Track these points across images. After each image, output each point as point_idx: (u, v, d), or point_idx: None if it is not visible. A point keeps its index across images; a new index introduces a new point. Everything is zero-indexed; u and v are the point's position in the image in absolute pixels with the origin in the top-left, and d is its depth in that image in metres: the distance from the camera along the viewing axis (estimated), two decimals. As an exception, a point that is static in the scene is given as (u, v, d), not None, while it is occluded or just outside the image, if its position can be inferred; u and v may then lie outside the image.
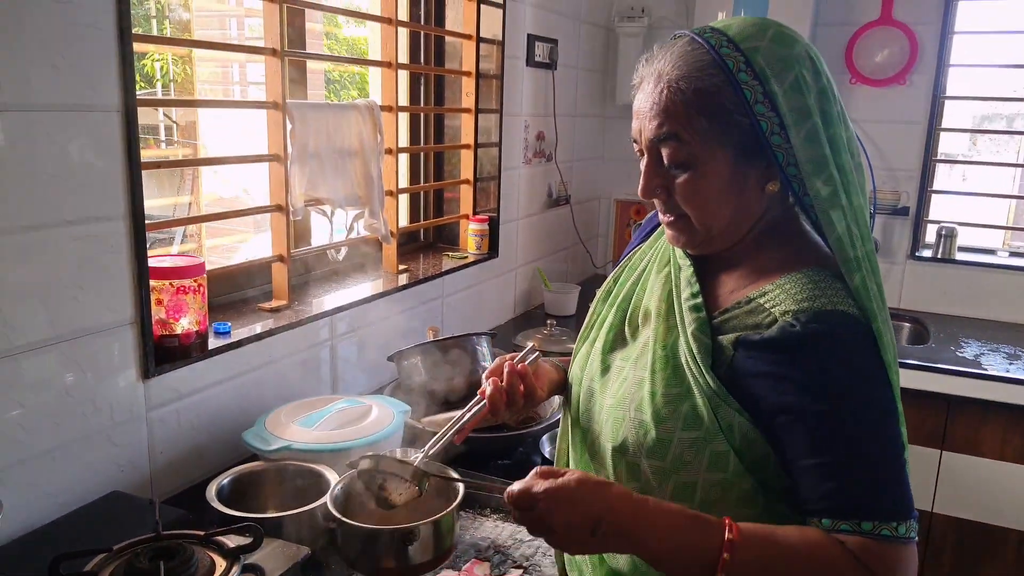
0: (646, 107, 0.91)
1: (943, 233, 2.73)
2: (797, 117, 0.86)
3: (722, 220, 0.92)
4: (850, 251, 0.86)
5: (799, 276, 0.88)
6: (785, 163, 0.88)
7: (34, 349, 1.12)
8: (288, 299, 1.66)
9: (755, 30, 0.88)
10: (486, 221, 2.32)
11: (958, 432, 2.24)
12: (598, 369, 1.03)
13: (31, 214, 1.10)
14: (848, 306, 0.84)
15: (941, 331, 2.54)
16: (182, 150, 2.85)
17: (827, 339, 0.83)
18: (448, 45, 2.28)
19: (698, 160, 0.88)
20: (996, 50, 2.68)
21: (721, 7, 2.64)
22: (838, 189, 0.87)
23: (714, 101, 0.86)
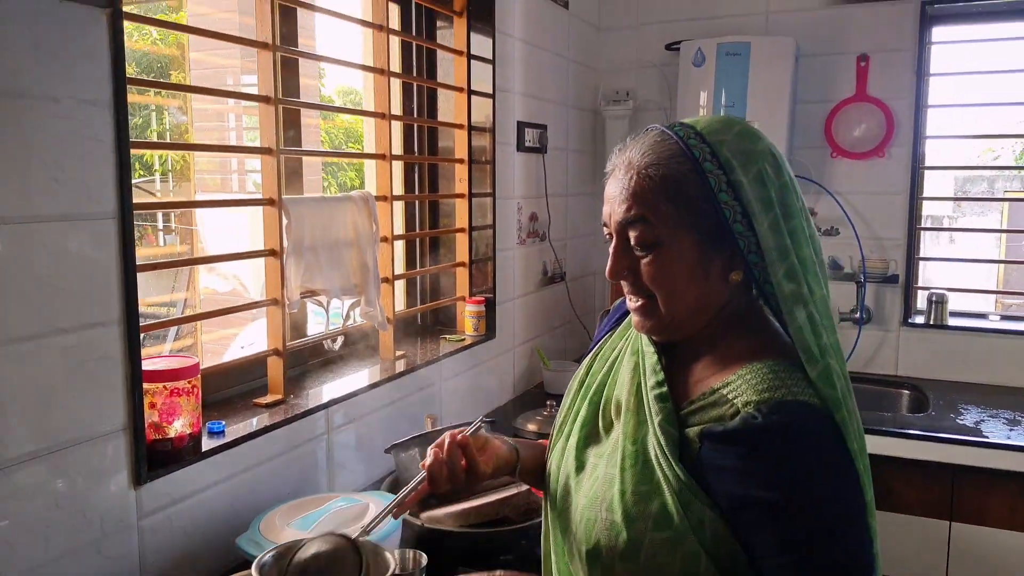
0: (616, 192, 0.94)
1: (934, 299, 2.75)
2: (760, 207, 0.89)
3: (687, 304, 0.94)
4: (811, 341, 0.87)
5: (760, 366, 0.89)
6: (747, 251, 0.91)
7: (24, 461, 1.11)
8: (283, 393, 1.65)
9: (721, 125, 0.93)
10: (483, 302, 2.32)
11: (965, 502, 2.21)
12: (573, 466, 1.02)
13: (25, 324, 1.10)
14: (809, 396, 0.85)
15: (940, 398, 2.53)
16: (179, 242, 2.87)
17: (789, 430, 0.83)
18: (441, 133, 2.34)
19: (664, 243, 0.91)
20: (971, 119, 2.76)
21: (702, 87, 2.72)
22: (800, 279, 0.89)
23: (680, 187, 0.90)
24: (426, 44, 2.25)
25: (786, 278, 0.88)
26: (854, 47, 2.74)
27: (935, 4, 2.64)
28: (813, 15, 2.78)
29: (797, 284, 0.88)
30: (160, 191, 3.10)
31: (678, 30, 2.94)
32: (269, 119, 1.56)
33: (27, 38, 1.07)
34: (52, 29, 1.10)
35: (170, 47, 1.96)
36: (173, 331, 1.94)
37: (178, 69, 2.16)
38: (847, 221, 2.78)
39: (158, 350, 2.01)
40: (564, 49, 2.79)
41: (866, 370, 2.83)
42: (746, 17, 2.86)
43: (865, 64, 2.72)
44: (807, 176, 2.81)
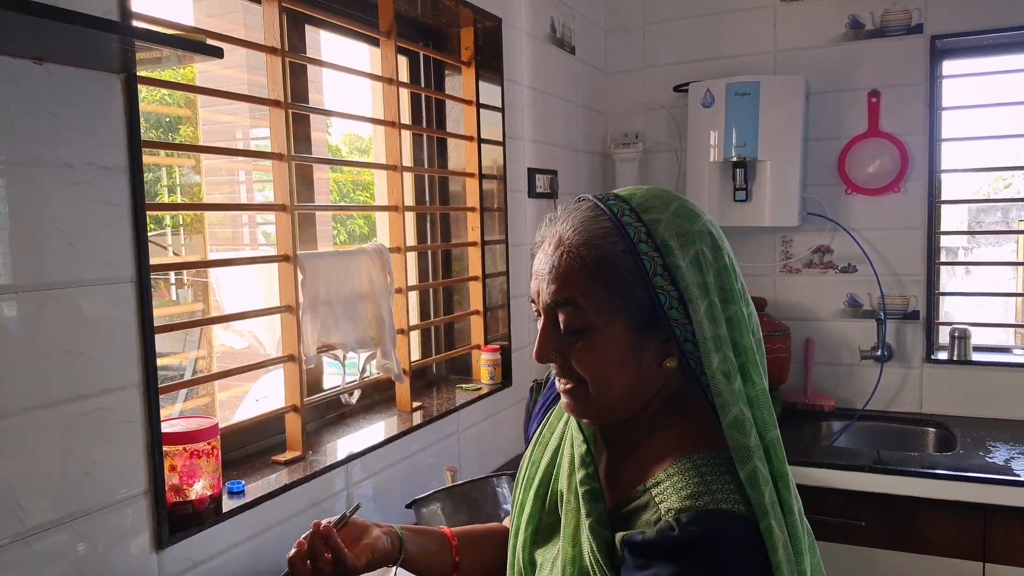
0: (545, 269, 0.89)
1: (956, 335, 2.71)
2: (697, 292, 0.84)
3: (618, 390, 0.88)
4: (744, 438, 0.82)
5: (688, 465, 0.84)
6: (683, 339, 0.86)
7: (46, 529, 1.09)
8: (302, 449, 1.63)
9: (659, 202, 0.88)
10: (498, 350, 2.31)
11: (999, 542, 2.15)
12: (524, 567, 0.97)
13: (43, 391, 1.09)
14: (734, 503, 0.80)
15: (967, 435, 2.48)
16: (191, 296, 2.88)
17: (704, 545, 0.78)
18: (452, 183, 2.35)
19: (594, 327, 0.86)
20: (982, 151, 2.75)
21: (712, 128, 2.73)
22: (734, 373, 0.84)
23: (613, 270, 0.85)
24: (435, 95, 2.27)
25: (720, 371, 0.83)
26: (864, 83, 2.74)
27: (945, 38, 2.65)
28: (822, 52, 2.79)
29: (730, 379, 0.83)
30: (172, 244, 3.13)
31: (685, 71, 2.96)
32: (283, 176, 1.57)
33: (40, 105, 1.08)
34: (66, 95, 1.11)
35: (179, 106, 1.99)
36: (184, 392, 1.94)
37: (187, 126, 2.18)
38: (864, 258, 2.75)
39: (168, 411, 2.00)
40: (572, 94, 2.81)
41: (889, 408, 2.79)
42: (754, 56, 2.88)
43: (876, 100, 2.72)
44: (822, 214, 2.79)
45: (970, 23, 2.60)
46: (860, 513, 2.27)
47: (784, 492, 0.84)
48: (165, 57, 1.15)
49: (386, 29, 1.90)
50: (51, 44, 1.01)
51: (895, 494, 2.22)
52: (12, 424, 1.05)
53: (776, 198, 2.68)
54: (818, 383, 2.87)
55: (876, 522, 2.26)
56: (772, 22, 2.85)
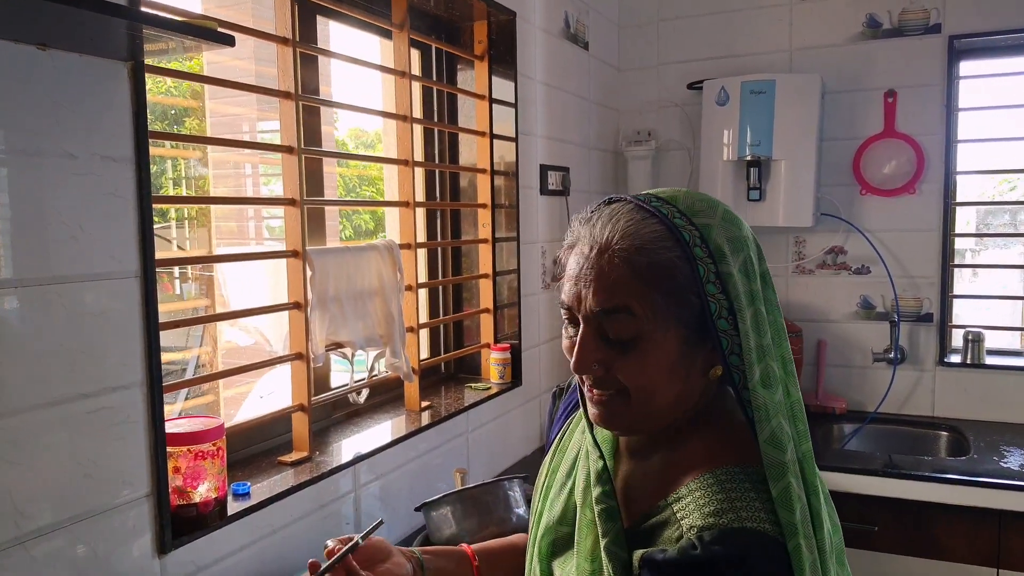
0: (588, 274, 0.82)
1: (970, 338, 2.67)
2: (744, 302, 0.81)
3: (663, 401, 0.83)
4: (780, 455, 0.78)
5: (711, 480, 0.80)
6: (729, 351, 0.81)
7: (46, 532, 1.05)
8: (309, 450, 1.60)
9: (705, 206, 0.84)
10: (508, 349, 2.27)
11: (1014, 548, 2.11)
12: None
13: (44, 390, 1.05)
14: (759, 522, 0.76)
15: (980, 440, 2.44)
16: (196, 291, 2.85)
17: (728, 565, 0.73)
18: (463, 179, 2.31)
19: (648, 337, 0.80)
20: (994, 153, 2.71)
21: (726, 126, 2.68)
22: (775, 384, 0.80)
23: (669, 277, 0.80)
24: (448, 89, 2.23)
25: (762, 384, 0.80)
26: (881, 83, 2.70)
27: (963, 39, 2.60)
28: (838, 51, 2.75)
29: (772, 390, 0.80)
30: (176, 238, 3.09)
31: (699, 69, 2.91)
32: (292, 169, 1.53)
33: (44, 92, 1.04)
34: (71, 83, 1.07)
35: (185, 97, 1.95)
36: (183, 392, 1.90)
37: (193, 118, 2.15)
38: (879, 259, 2.71)
39: (170, 409, 1.96)
40: (585, 90, 2.77)
41: (902, 412, 2.75)
42: (769, 55, 2.84)
43: (892, 100, 2.68)
44: (836, 214, 2.75)
45: (989, 23, 2.56)
46: (873, 518, 2.23)
47: (816, 505, 0.80)
48: (172, 48, 1.11)
49: (399, 21, 1.86)
50: (55, 29, 0.97)
51: (908, 499, 2.19)
52: (11, 424, 1.01)
53: (790, 198, 2.64)
54: (830, 385, 2.83)
55: (889, 527, 2.22)
56: (788, 20, 2.81)
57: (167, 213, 2.94)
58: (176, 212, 2.98)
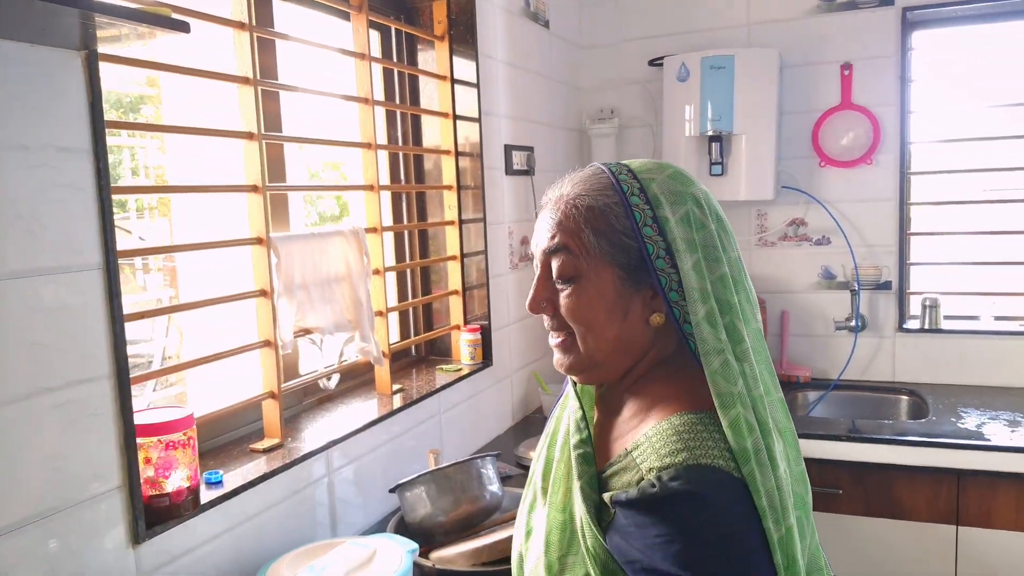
0: (544, 223, 0.94)
1: (927, 304, 2.74)
2: (683, 247, 0.87)
3: (605, 342, 0.91)
4: (729, 386, 0.83)
5: (666, 426, 0.85)
6: (668, 288, 0.88)
7: (17, 528, 1.05)
8: (280, 436, 1.60)
9: (655, 166, 0.93)
10: (478, 330, 2.28)
11: (971, 506, 2.19)
12: (523, 533, 0.99)
13: (8, 385, 1.04)
14: (713, 458, 0.80)
15: (939, 402, 2.52)
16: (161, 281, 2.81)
17: (687, 499, 0.78)
18: (428, 161, 2.30)
19: (583, 274, 0.89)
20: (954, 123, 2.77)
21: (688, 102, 2.71)
22: (719, 324, 0.85)
23: (604, 218, 0.89)
24: (409, 70, 2.22)
25: (706, 320, 0.85)
26: (837, 56, 2.74)
27: (916, 10, 2.64)
28: (795, 25, 2.78)
29: (716, 328, 0.85)
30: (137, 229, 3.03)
31: (660, 46, 2.93)
32: (253, 155, 1.52)
33: None
34: (21, 73, 1.05)
35: (141, 85, 1.91)
36: (151, 381, 1.89)
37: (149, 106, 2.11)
38: (838, 230, 2.77)
39: (138, 400, 1.95)
40: (547, 69, 2.77)
41: (864, 377, 2.82)
42: (728, 30, 2.86)
43: (849, 72, 2.72)
44: (796, 187, 2.80)
45: (941, -7, 2.61)
46: (838, 481, 2.30)
47: (769, 444, 0.83)
48: (126, 35, 1.10)
49: (357, 3, 1.84)
50: (4, 18, 0.96)
51: (871, 462, 2.25)
52: (-22, 420, 1.00)
53: (751, 172, 2.67)
54: (794, 354, 2.89)
55: (853, 490, 2.29)
56: (745, -6, 2.83)
57: (126, 204, 2.88)
58: (137, 203, 2.92)
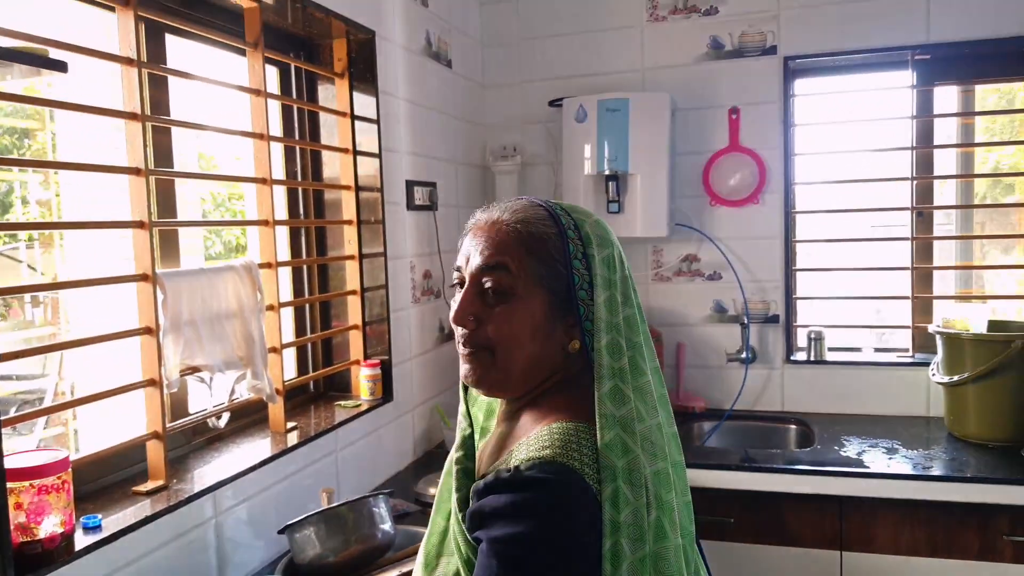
0: (478, 243, 0.98)
1: (812, 336, 2.89)
2: (601, 282, 0.95)
3: (524, 361, 0.96)
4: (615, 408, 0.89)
5: (544, 430, 0.91)
6: (585, 317, 0.95)
7: None
8: (166, 478, 1.56)
9: (582, 209, 1.01)
10: (378, 365, 2.28)
11: (853, 532, 2.29)
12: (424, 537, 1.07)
13: None
14: (572, 460, 0.85)
15: (824, 431, 2.64)
16: (45, 315, 2.69)
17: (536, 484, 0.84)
18: (328, 196, 2.30)
19: (519, 294, 0.94)
20: (836, 164, 2.96)
21: (586, 142, 2.80)
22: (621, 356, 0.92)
23: (543, 246, 0.95)
24: (307, 107, 2.22)
25: (607, 349, 0.92)
26: (725, 100, 2.89)
27: (796, 59, 2.82)
28: (686, 71, 2.92)
29: (615, 358, 0.92)
30: (27, 259, 2.90)
31: (560, 87, 3.02)
32: (140, 191, 1.50)
33: None
34: None
35: (28, 118, 1.86)
36: (41, 423, 1.81)
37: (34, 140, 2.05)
38: (728, 266, 2.90)
39: (26, 441, 1.86)
40: (450, 107, 2.82)
41: (755, 408, 2.94)
42: (623, 74, 2.98)
43: (736, 116, 2.87)
44: (689, 224, 2.92)
45: (817, 45, 2.79)
46: (730, 510, 2.37)
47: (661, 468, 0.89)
48: (11, 74, 1.08)
49: (252, 40, 1.85)
50: None
51: (761, 490, 2.33)
52: None
53: (646, 210, 2.78)
54: (689, 385, 2.99)
55: (744, 518, 2.36)
56: (640, 41, 2.96)
57: (16, 234, 2.76)
58: (27, 233, 2.80)
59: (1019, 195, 2.94)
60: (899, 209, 2.86)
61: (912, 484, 2.21)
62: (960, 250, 2.93)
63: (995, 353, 2.34)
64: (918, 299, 2.82)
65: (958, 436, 2.50)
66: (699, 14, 2.89)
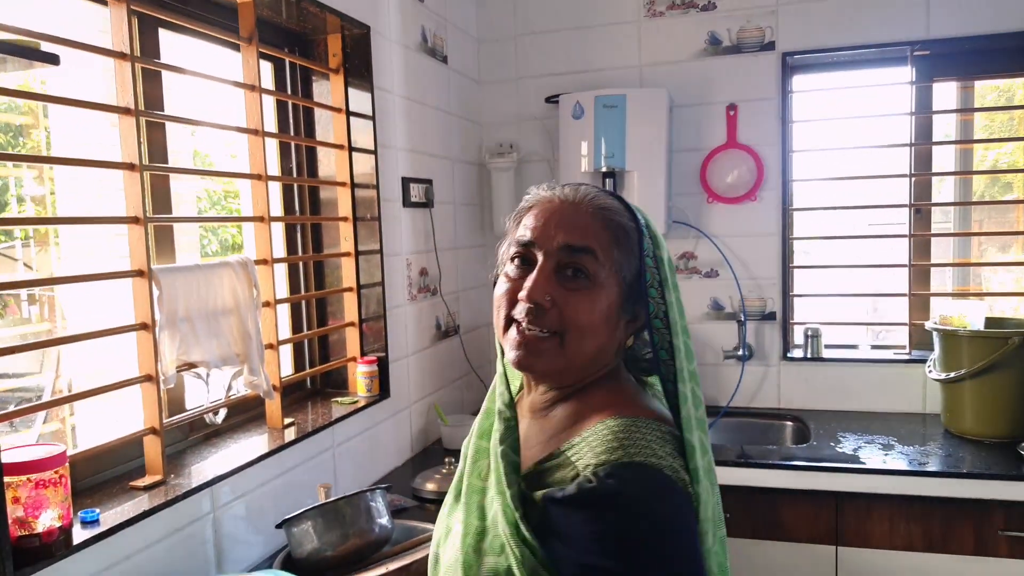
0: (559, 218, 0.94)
1: (809, 334, 2.89)
2: (671, 284, 0.96)
3: (592, 349, 0.93)
4: (693, 410, 0.92)
5: (603, 428, 0.88)
6: (654, 315, 0.95)
7: None
8: (163, 473, 1.56)
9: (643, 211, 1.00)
10: (375, 362, 2.28)
11: (849, 527, 2.30)
12: (443, 534, 1.00)
13: None
14: (645, 456, 0.84)
15: (820, 428, 2.65)
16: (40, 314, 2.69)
17: (624, 495, 0.81)
18: (324, 192, 2.30)
19: (599, 282, 0.92)
20: (832, 161, 2.96)
21: (583, 138, 2.80)
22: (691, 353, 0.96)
23: (627, 237, 0.94)
24: (302, 102, 2.22)
25: (684, 352, 0.94)
26: (723, 97, 2.89)
27: (795, 55, 2.83)
28: (683, 67, 2.92)
29: (690, 361, 0.94)
30: (23, 257, 2.90)
31: (556, 83, 3.03)
32: (134, 187, 1.50)
33: None
34: None
35: (22, 113, 1.86)
36: (40, 417, 1.81)
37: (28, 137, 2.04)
38: (725, 263, 2.90)
39: (25, 436, 1.86)
40: (446, 103, 2.82)
41: (751, 404, 2.94)
42: (621, 70, 2.98)
43: (734, 113, 2.87)
44: (686, 222, 2.92)
45: (816, 41, 2.79)
46: (727, 506, 2.35)
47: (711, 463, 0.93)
48: (5, 67, 1.08)
49: (247, 35, 1.84)
50: None
51: (758, 486, 2.34)
52: None
53: (644, 207, 2.67)
54: (687, 383, 2.99)
55: (741, 513, 2.37)
56: (637, 37, 2.96)
57: (12, 232, 2.75)
58: (23, 231, 2.80)
59: (1017, 193, 2.95)
60: (897, 206, 2.86)
61: (908, 480, 2.21)
62: (958, 247, 2.93)
63: (992, 350, 2.35)
64: (915, 296, 2.83)
65: (954, 432, 2.51)
66: (697, 9, 2.89)
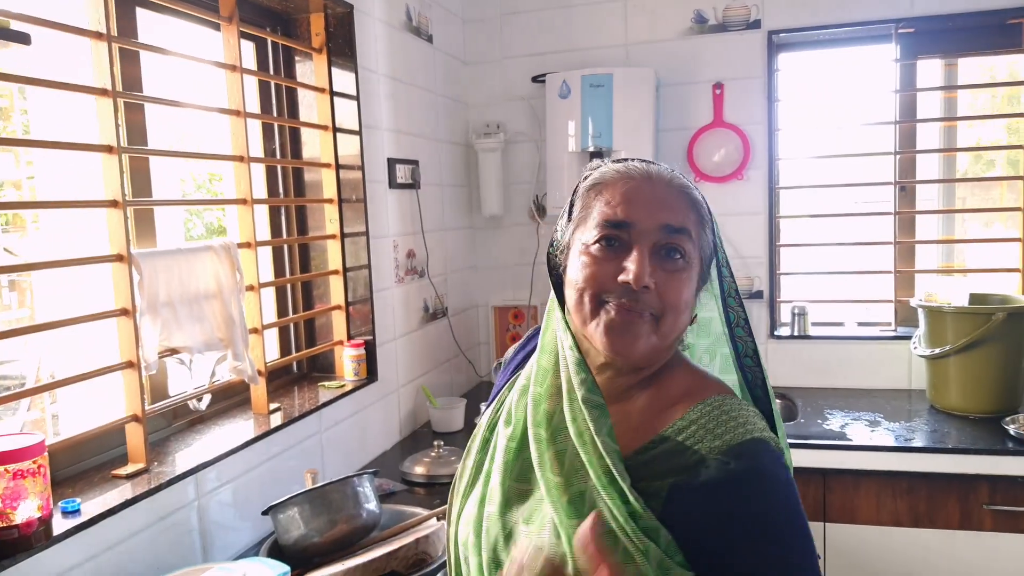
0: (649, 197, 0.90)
1: (796, 312, 2.90)
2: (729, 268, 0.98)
3: (678, 331, 0.92)
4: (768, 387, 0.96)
5: (707, 409, 0.88)
6: (727, 294, 0.98)
7: None
8: (146, 461, 1.54)
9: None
10: (362, 345, 2.26)
11: (836, 503, 2.31)
12: (500, 535, 0.91)
13: None
14: (760, 431, 0.86)
15: (808, 405, 2.66)
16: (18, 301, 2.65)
17: (760, 475, 0.83)
18: (309, 174, 2.27)
19: (691, 263, 0.91)
20: (820, 140, 2.95)
21: (570, 118, 2.78)
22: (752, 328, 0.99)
23: (708, 220, 0.94)
24: (284, 82, 2.18)
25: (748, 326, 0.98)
26: (709, 75, 2.87)
27: (780, 33, 2.80)
28: (669, 46, 2.90)
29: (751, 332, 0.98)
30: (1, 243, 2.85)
31: (543, 63, 2.99)
32: (113, 169, 1.46)
33: None
34: None
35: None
36: (24, 405, 1.79)
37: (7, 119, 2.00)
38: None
39: (8, 424, 1.83)
40: (431, 84, 2.78)
41: (740, 383, 2.94)
42: (607, 49, 2.95)
43: (720, 92, 2.85)
44: (673, 200, 2.90)
45: (802, 19, 2.77)
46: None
47: None
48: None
49: (227, 14, 1.81)
50: None
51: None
52: None
53: (631, 186, 2.75)
54: (675, 363, 2.99)
55: (729, 492, 2.38)
56: (623, 15, 2.93)
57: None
58: (3, 216, 2.75)
59: (1001, 170, 2.95)
60: (882, 184, 2.86)
61: (894, 456, 2.23)
62: (942, 224, 2.94)
63: (976, 326, 2.36)
64: (901, 273, 2.83)
65: (940, 408, 2.53)
66: (682, -13, 2.87)
